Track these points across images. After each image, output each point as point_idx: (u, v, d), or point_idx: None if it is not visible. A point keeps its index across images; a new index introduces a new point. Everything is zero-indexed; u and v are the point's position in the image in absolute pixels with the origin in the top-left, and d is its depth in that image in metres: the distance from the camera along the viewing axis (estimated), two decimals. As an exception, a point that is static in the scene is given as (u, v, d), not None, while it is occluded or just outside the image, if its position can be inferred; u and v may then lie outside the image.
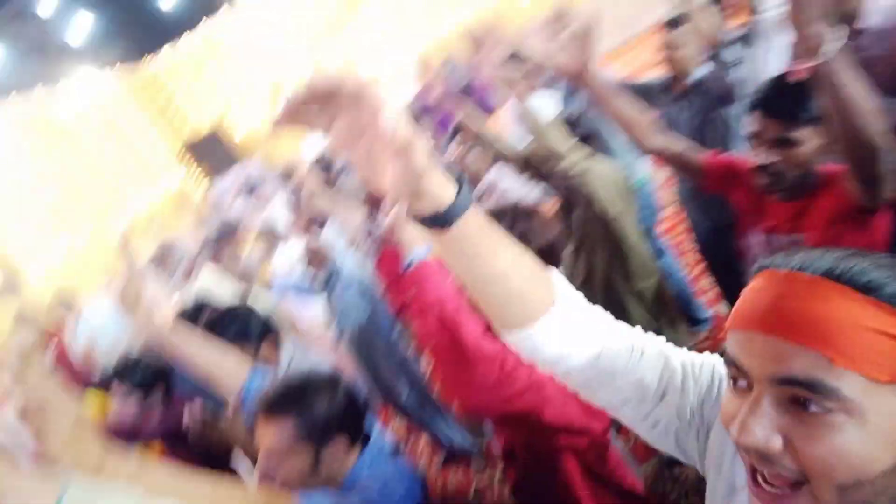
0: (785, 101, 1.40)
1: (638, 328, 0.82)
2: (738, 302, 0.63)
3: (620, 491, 1.28)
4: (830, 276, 0.55)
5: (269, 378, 1.44)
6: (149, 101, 9.96)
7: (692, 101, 2.52)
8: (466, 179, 0.65)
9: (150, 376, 2.15)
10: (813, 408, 0.53)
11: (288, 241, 4.22)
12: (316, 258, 2.64)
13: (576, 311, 0.76)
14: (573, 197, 2.29)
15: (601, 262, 2.25)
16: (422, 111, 3.85)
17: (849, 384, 0.52)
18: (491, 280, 0.68)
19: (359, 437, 1.27)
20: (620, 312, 2.25)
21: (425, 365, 3.09)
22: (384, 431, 1.40)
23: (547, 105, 2.45)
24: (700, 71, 2.48)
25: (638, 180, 2.98)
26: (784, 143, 1.41)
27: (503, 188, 2.65)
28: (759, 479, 0.58)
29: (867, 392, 0.52)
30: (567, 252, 2.52)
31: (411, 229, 1.26)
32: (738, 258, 1.78)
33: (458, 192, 0.63)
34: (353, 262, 2.78)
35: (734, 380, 0.61)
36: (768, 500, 0.57)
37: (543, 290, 0.73)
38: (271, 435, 1.19)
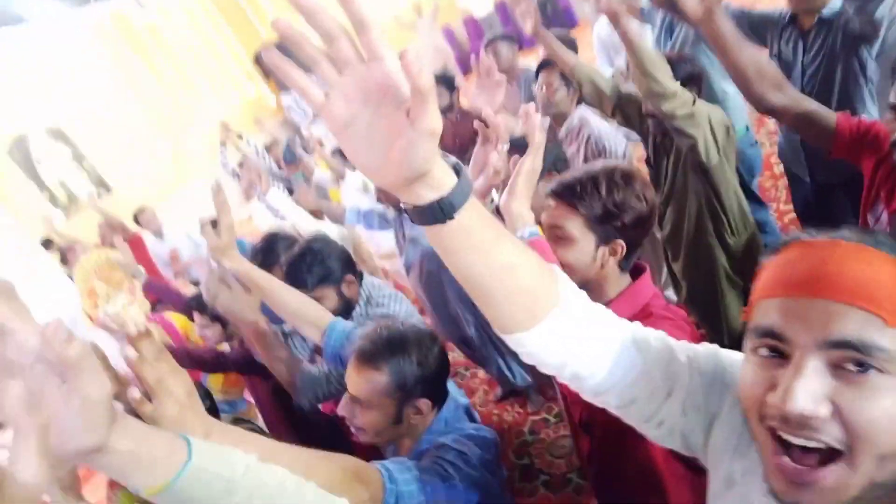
0: None
1: (637, 323, 0.78)
2: (770, 272, 0.61)
3: (696, 466, 1.25)
4: (868, 243, 0.55)
5: (350, 327, 1.47)
6: (229, 6, 9.95)
7: (816, 40, 2.21)
8: (463, 167, 0.60)
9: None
10: (861, 371, 0.52)
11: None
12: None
13: (581, 307, 0.72)
14: (667, 143, 2.16)
15: (693, 213, 2.14)
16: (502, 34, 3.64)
17: None
18: (495, 275, 0.64)
19: (442, 400, 1.28)
20: (706, 265, 2.18)
21: None
22: (457, 390, 1.40)
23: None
24: (834, 3, 2.14)
25: (739, 129, 2.76)
26: None
27: (590, 131, 2.50)
28: (787, 458, 0.56)
29: None
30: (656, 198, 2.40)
31: (524, 201, 1.21)
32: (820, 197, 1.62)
33: (460, 179, 0.58)
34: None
35: (765, 351, 0.59)
36: (794, 476, 0.56)
37: (548, 285, 0.69)
38: (362, 383, 1.20)
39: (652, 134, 2.23)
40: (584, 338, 0.72)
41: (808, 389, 0.53)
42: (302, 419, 2.06)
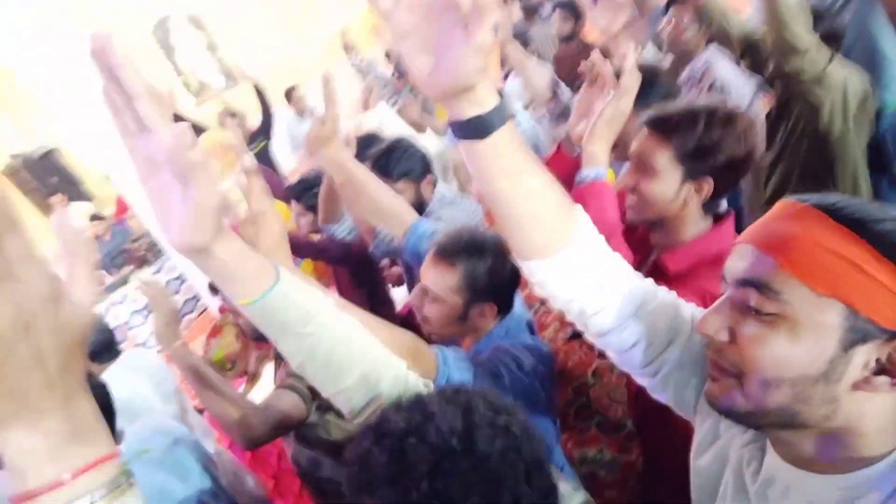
0: None
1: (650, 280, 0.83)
2: None
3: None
4: (818, 206, 0.59)
5: (431, 229, 1.53)
6: None
7: None
8: (505, 94, 0.63)
9: None
10: (761, 312, 0.59)
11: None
12: None
13: (595, 252, 0.76)
14: (792, 102, 1.99)
15: (800, 180, 2.00)
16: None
17: (791, 289, 0.58)
18: (517, 199, 0.69)
19: (507, 308, 1.33)
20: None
21: None
22: (523, 305, 1.44)
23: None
24: None
25: (893, 101, 2.47)
26: None
27: (717, 74, 2.34)
28: (713, 374, 0.67)
29: (806, 300, 0.57)
30: (764, 161, 2.24)
31: (602, 144, 1.19)
32: None
33: (500, 102, 0.64)
34: (528, 123, 2.71)
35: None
36: (715, 391, 0.66)
37: (566, 222, 0.73)
38: (436, 276, 1.26)
39: (777, 89, 2.06)
40: (594, 278, 0.76)
41: (716, 318, 0.64)
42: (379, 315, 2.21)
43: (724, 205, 1.27)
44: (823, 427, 0.61)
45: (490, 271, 1.25)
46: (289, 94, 5.61)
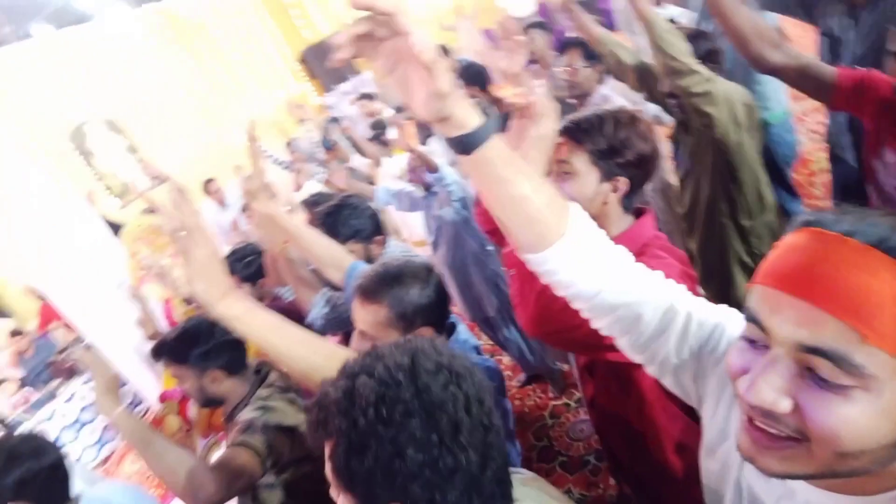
0: None
1: (660, 273, 0.84)
2: (772, 256, 0.59)
3: (688, 407, 1.27)
4: (881, 246, 0.51)
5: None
6: (276, 7, 10.27)
7: (869, 17, 2.15)
8: (494, 112, 0.74)
9: (258, 271, 2.37)
10: (831, 380, 0.52)
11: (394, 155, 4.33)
12: (419, 166, 2.69)
13: (591, 242, 0.80)
14: (689, 120, 2.16)
15: (709, 190, 2.14)
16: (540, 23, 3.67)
17: (874, 362, 0.50)
18: (511, 203, 0.75)
19: (443, 326, 1.34)
20: (719, 246, 2.17)
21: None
22: (469, 333, 1.46)
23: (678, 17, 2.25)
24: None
25: (774, 115, 2.73)
26: None
27: (615, 104, 2.52)
28: (761, 441, 0.57)
29: (891, 369, 0.50)
30: (676, 178, 2.40)
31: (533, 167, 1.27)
32: (861, 182, 1.63)
33: (486, 122, 0.70)
34: (455, 174, 2.80)
35: (749, 336, 0.60)
36: (764, 442, 0.57)
37: (559, 218, 0.77)
38: (366, 317, 1.27)
39: (675, 111, 2.25)
40: (591, 262, 0.80)
41: (771, 384, 0.55)
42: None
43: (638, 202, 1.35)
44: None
45: (416, 297, 1.28)
46: (206, 187, 5.85)
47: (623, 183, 1.26)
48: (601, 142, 1.24)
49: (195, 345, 1.60)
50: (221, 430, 2.35)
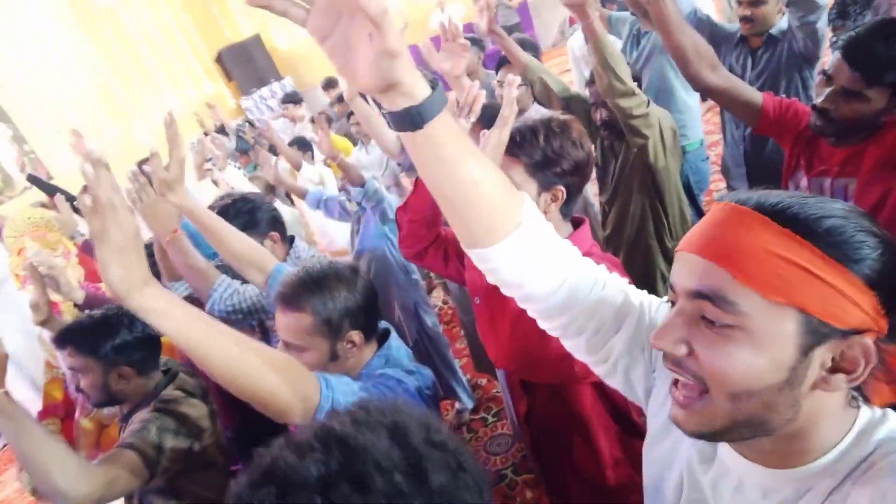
0: (877, 58, 1.33)
1: (603, 267, 0.84)
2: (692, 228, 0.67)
3: (627, 420, 1.27)
4: (760, 209, 0.59)
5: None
6: (194, 1, 9.81)
7: (762, 57, 2.36)
8: (440, 84, 0.65)
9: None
10: (716, 323, 0.59)
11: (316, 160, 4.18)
12: (347, 177, 2.59)
13: (542, 237, 0.76)
14: (616, 146, 2.22)
15: (636, 214, 2.21)
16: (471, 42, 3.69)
17: (746, 301, 0.57)
18: (461, 187, 0.68)
19: (373, 333, 1.27)
20: (644, 266, 2.24)
21: (434, 313, 3.11)
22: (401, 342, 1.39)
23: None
24: (782, 23, 2.30)
25: (691, 143, 2.87)
26: (854, 96, 1.37)
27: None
28: (677, 386, 0.65)
29: (762, 310, 0.57)
30: (597, 208, 2.46)
31: None
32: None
33: (435, 92, 0.63)
34: (384, 192, 2.72)
35: (671, 298, 0.66)
36: (680, 403, 0.64)
37: (512, 208, 0.72)
38: (289, 325, 1.19)
39: (601, 136, 2.31)
40: (543, 261, 0.75)
41: (671, 331, 0.62)
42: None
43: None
44: (785, 429, 0.61)
45: (342, 301, 1.20)
46: (140, 168, 5.15)
47: (561, 191, 1.25)
48: (536, 153, 1.23)
49: (110, 336, 1.48)
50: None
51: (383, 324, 1.34)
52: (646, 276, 2.26)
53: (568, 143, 1.24)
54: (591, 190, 2.68)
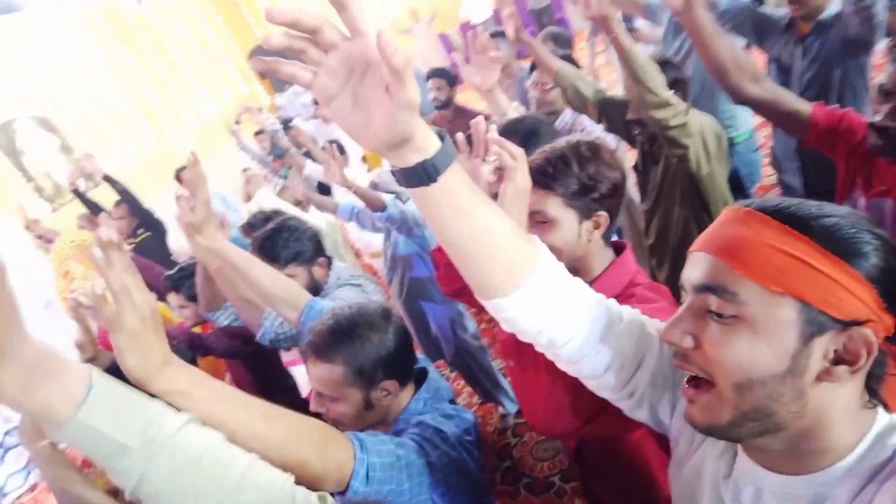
0: None
1: (612, 300, 0.84)
2: None
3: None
4: (763, 210, 0.62)
5: (329, 307, 1.42)
6: (225, 3, 9.91)
7: (813, 45, 2.19)
8: (447, 134, 0.63)
9: None
10: (722, 316, 0.62)
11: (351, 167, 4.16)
12: (367, 204, 2.55)
13: (558, 279, 0.75)
14: (656, 151, 2.12)
15: (680, 222, 2.11)
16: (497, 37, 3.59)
17: (747, 291, 0.60)
18: (475, 237, 0.68)
19: (409, 376, 1.23)
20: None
21: (475, 326, 3.07)
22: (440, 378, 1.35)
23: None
24: (833, 6, 2.13)
25: (740, 134, 2.73)
26: None
27: (585, 124, 2.46)
28: (689, 396, 0.67)
29: (762, 299, 0.60)
30: (641, 208, 2.36)
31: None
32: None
33: (445, 144, 0.63)
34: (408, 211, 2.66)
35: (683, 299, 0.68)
36: (691, 396, 0.67)
37: (527, 251, 0.72)
38: (321, 377, 1.17)
39: (639, 141, 2.21)
40: (561, 306, 0.75)
41: (680, 325, 0.65)
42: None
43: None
44: (796, 426, 0.62)
45: (373, 349, 1.16)
46: (179, 176, 4.98)
47: (604, 217, 1.19)
48: (572, 182, 1.16)
49: None
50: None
51: (421, 359, 1.31)
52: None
53: (603, 166, 1.18)
54: (631, 180, 2.58)
